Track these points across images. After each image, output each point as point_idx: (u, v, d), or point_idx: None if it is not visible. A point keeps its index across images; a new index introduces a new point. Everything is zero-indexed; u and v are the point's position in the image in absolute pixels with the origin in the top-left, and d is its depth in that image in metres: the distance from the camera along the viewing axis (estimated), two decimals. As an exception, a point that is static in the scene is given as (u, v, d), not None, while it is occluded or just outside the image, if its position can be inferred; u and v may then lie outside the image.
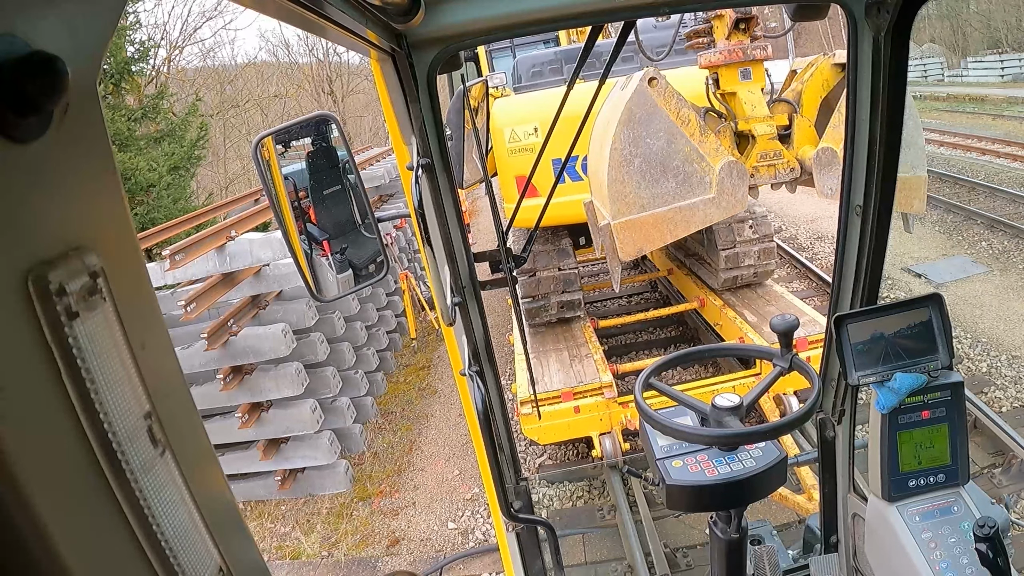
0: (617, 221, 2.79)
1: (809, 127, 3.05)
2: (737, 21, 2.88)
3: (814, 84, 3.13)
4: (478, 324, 1.84)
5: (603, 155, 2.86)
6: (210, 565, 0.39)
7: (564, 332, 6.22)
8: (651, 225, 2.77)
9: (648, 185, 2.76)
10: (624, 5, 1.43)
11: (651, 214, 2.76)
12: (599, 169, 2.93)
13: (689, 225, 2.81)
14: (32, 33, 0.30)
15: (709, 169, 2.75)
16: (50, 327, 0.30)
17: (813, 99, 3.10)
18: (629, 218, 2.78)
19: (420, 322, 9.11)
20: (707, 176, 2.76)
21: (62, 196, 0.32)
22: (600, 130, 3.07)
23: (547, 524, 2.06)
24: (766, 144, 2.96)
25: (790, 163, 2.99)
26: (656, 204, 2.77)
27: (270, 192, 1.60)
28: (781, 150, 2.98)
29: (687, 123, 2.77)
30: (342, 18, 0.95)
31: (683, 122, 2.77)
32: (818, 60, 3.19)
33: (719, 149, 2.79)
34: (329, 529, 5.66)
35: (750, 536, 1.66)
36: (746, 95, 3.00)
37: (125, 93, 12.49)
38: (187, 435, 0.40)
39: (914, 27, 1.33)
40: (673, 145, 2.74)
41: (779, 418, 2.14)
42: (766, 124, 2.93)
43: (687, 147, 2.74)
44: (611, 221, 2.83)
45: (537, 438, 5.26)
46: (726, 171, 2.74)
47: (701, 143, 2.75)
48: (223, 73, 22.46)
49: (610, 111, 2.98)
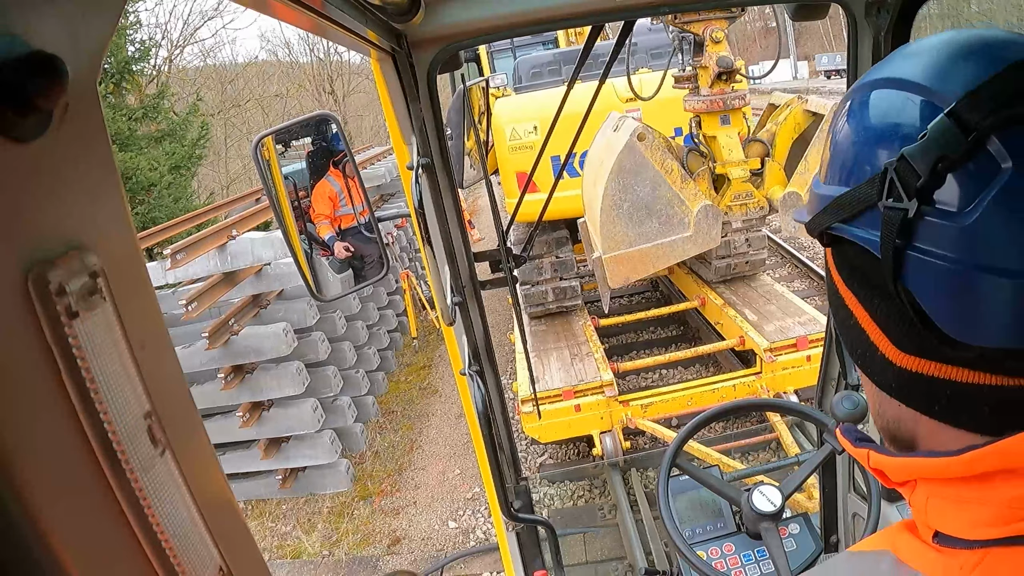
0: (607, 255, 3.25)
1: (779, 170, 3.39)
2: (720, 73, 3.19)
3: (787, 127, 3.44)
4: (478, 324, 1.84)
5: (596, 193, 3.28)
6: (210, 565, 0.39)
7: (565, 330, 6.24)
8: (637, 259, 3.25)
9: (635, 225, 3.21)
10: (624, 5, 1.43)
11: (637, 249, 3.22)
12: (592, 204, 3.37)
13: (669, 259, 3.28)
14: (32, 33, 0.30)
15: (688, 211, 3.21)
16: (50, 327, 0.30)
17: (785, 141, 3.43)
18: (617, 253, 3.24)
19: (421, 321, 9.11)
20: (686, 217, 3.21)
21: (62, 196, 0.32)
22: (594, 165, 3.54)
23: (547, 524, 2.05)
24: (739, 186, 3.32)
25: (760, 202, 3.36)
26: (641, 241, 3.22)
27: (270, 192, 1.60)
28: (753, 191, 3.35)
29: (670, 172, 3.22)
30: (342, 18, 0.95)
31: (667, 172, 3.21)
32: (792, 103, 3.50)
33: (697, 194, 3.23)
34: (330, 528, 5.67)
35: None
36: (724, 139, 3.34)
37: (126, 93, 12.49)
38: (187, 434, 0.40)
39: (914, 27, 1.33)
40: (657, 191, 3.18)
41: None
42: (740, 168, 3.30)
43: (669, 193, 3.18)
44: (602, 255, 3.26)
45: (538, 437, 5.27)
46: (702, 213, 3.19)
47: (682, 189, 3.21)
48: (224, 72, 22.48)
49: (603, 151, 3.43)
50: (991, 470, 0.48)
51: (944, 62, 0.52)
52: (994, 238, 0.47)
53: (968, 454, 0.49)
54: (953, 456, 0.50)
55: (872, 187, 0.53)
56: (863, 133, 0.56)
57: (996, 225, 0.47)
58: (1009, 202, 0.46)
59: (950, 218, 0.49)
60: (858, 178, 0.56)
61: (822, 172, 0.62)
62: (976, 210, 0.47)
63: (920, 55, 0.54)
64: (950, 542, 0.51)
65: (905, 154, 0.50)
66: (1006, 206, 0.46)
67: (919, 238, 0.51)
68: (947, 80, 0.50)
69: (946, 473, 0.51)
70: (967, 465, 0.49)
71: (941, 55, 0.53)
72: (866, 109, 0.57)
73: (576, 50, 7.10)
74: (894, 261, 0.53)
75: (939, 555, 0.52)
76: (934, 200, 0.49)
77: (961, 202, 0.48)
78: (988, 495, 0.49)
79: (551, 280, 6.39)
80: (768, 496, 1.48)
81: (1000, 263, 0.47)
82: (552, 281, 6.38)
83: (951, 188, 0.49)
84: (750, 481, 2.19)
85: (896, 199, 0.51)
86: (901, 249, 0.52)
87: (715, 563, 1.51)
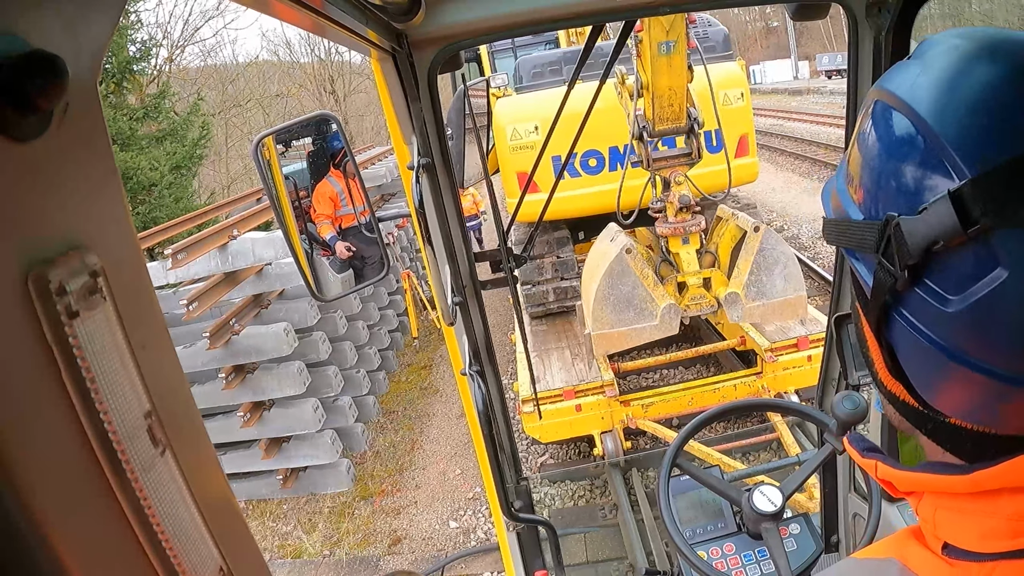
0: (595, 333, 4.43)
1: (722, 276, 4.62)
2: (680, 207, 4.31)
3: (725, 242, 4.72)
4: (479, 324, 1.84)
5: (591, 287, 4.49)
6: (210, 565, 0.39)
7: (566, 330, 6.25)
8: (616, 337, 4.44)
9: (616, 313, 4.39)
10: (624, 5, 1.43)
11: (616, 330, 4.41)
12: (588, 294, 4.60)
13: (639, 340, 4.46)
14: (32, 32, 0.30)
15: (656, 307, 4.39)
16: (50, 326, 0.30)
17: (726, 251, 4.70)
18: (602, 332, 4.41)
19: (422, 321, 9.11)
20: (654, 311, 4.39)
21: (62, 195, 0.32)
22: (592, 264, 4.81)
23: (548, 524, 2.05)
24: (695, 290, 4.54)
25: (710, 301, 4.53)
26: (620, 325, 4.40)
27: (271, 192, 1.60)
28: (705, 293, 4.55)
29: (646, 278, 4.39)
30: (342, 18, 0.95)
31: (643, 277, 4.38)
32: (731, 220, 4.73)
33: (664, 295, 4.43)
34: (331, 528, 5.67)
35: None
36: (684, 255, 4.54)
37: (127, 92, 12.48)
38: (188, 434, 0.40)
39: (915, 27, 1.33)
40: (635, 291, 4.38)
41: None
42: (695, 278, 4.54)
43: (644, 293, 4.38)
44: (591, 332, 4.44)
45: (538, 436, 5.28)
46: (666, 310, 4.40)
47: (653, 290, 4.40)
48: (225, 72, 22.48)
49: (600, 256, 4.67)
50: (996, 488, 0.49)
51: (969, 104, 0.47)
52: (976, 334, 0.47)
53: (975, 474, 0.49)
54: (960, 475, 0.50)
55: (873, 233, 0.52)
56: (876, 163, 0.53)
57: (980, 322, 0.46)
58: (997, 305, 0.45)
59: (936, 298, 0.48)
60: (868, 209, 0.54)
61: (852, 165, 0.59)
62: (963, 302, 0.46)
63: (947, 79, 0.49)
64: (960, 554, 0.52)
65: (901, 224, 0.48)
66: (993, 307, 0.45)
67: (905, 304, 0.51)
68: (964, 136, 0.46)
69: (953, 489, 0.52)
70: (974, 483, 0.50)
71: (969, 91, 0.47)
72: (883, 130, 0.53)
73: (577, 50, 7.10)
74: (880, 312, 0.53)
75: (950, 567, 0.52)
76: (923, 279, 0.49)
77: (950, 289, 0.47)
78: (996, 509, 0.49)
79: (552, 280, 6.41)
80: (768, 496, 1.48)
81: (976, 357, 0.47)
82: (553, 281, 6.41)
83: (942, 274, 0.48)
84: (751, 481, 2.19)
85: (890, 260, 0.50)
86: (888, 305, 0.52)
87: (715, 563, 1.51)
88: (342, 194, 4.39)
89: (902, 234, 0.48)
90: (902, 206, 0.49)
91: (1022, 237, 0.43)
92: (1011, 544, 0.48)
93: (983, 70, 0.48)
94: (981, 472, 0.49)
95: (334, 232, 4.39)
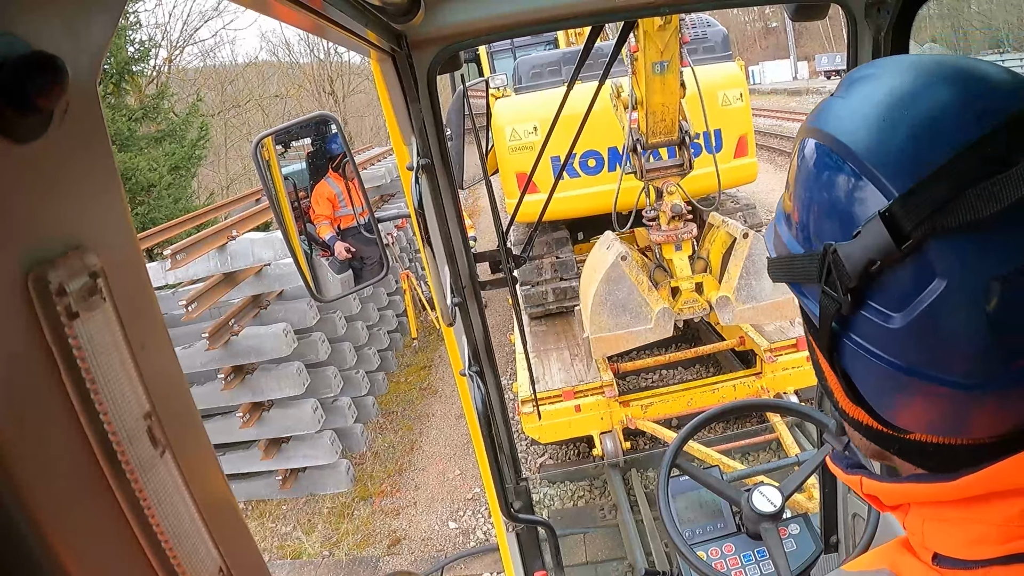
0: (593, 336, 4.53)
1: (714, 280, 4.73)
2: (673, 216, 4.48)
3: (716, 248, 4.82)
4: (478, 324, 1.84)
5: (589, 292, 4.61)
6: (210, 565, 0.39)
7: (565, 331, 6.25)
8: (612, 339, 4.54)
9: (613, 317, 4.51)
10: (624, 5, 1.43)
11: (612, 334, 4.53)
12: (586, 299, 4.70)
13: (635, 343, 4.58)
14: (32, 33, 0.30)
15: (651, 311, 4.50)
16: (50, 327, 0.30)
17: (717, 257, 4.79)
18: (600, 335, 4.51)
19: (421, 322, 9.11)
20: (649, 315, 4.50)
21: (62, 196, 0.32)
22: (590, 271, 4.93)
23: (547, 524, 2.05)
24: (688, 295, 4.68)
25: (703, 305, 4.66)
26: (617, 328, 4.52)
27: (270, 192, 1.60)
28: (697, 297, 4.68)
29: (641, 284, 4.50)
30: (342, 18, 0.95)
31: (639, 283, 4.49)
32: (721, 227, 4.80)
33: (658, 300, 4.53)
34: (330, 528, 5.67)
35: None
36: (677, 261, 4.71)
37: (126, 93, 12.48)
38: (187, 435, 0.40)
39: (914, 27, 1.33)
40: (631, 295, 4.50)
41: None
42: (688, 283, 4.68)
43: (639, 298, 4.50)
44: (589, 335, 4.54)
45: (538, 437, 5.27)
46: (660, 313, 4.50)
47: (648, 295, 4.51)
48: (224, 73, 22.47)
49: (598, 263, 4.80)
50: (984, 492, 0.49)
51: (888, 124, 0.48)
52: (925, 346, 0.47)
53: (961, 480, 0.49)
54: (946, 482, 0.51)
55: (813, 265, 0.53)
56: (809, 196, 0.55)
57: (926, 333, 0.47)
58: (941, 314, 0.45)
59: (881, 317, 0.49)
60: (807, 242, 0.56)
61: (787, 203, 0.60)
62: (907, 317, 0.47)
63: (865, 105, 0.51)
64: (950, 563, 0.52)
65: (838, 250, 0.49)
66: (937, 318, 0.46)
67: (853, 328, 0.52)
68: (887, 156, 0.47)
69: (940, 498, 0.52)
70: (960, 490, 0.50)
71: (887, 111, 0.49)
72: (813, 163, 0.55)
73: (576, 50, 7.11)
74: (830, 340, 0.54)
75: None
76: (866, 300, 0.49)
77: (893, 306, 0.48)
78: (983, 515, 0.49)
79: (551, 280, 6.42)
80: (768, 496, 1.48)
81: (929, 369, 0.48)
82: (552, 281, 6.41)
83: (883, 292, 0.48)
84: (750, 481, 2.19)
85: (832, 287, 0.51)
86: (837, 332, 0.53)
87: (715, 563, 1.51)
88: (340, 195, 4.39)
89: (840, 260, 0.49)
90: (838, 233, 0.51)
91: (954, 245, 0.44)
92: (1002, 549, 0.48)
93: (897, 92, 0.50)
94: (968, 477, 0.49)
95: (333, 233, 4.39)
